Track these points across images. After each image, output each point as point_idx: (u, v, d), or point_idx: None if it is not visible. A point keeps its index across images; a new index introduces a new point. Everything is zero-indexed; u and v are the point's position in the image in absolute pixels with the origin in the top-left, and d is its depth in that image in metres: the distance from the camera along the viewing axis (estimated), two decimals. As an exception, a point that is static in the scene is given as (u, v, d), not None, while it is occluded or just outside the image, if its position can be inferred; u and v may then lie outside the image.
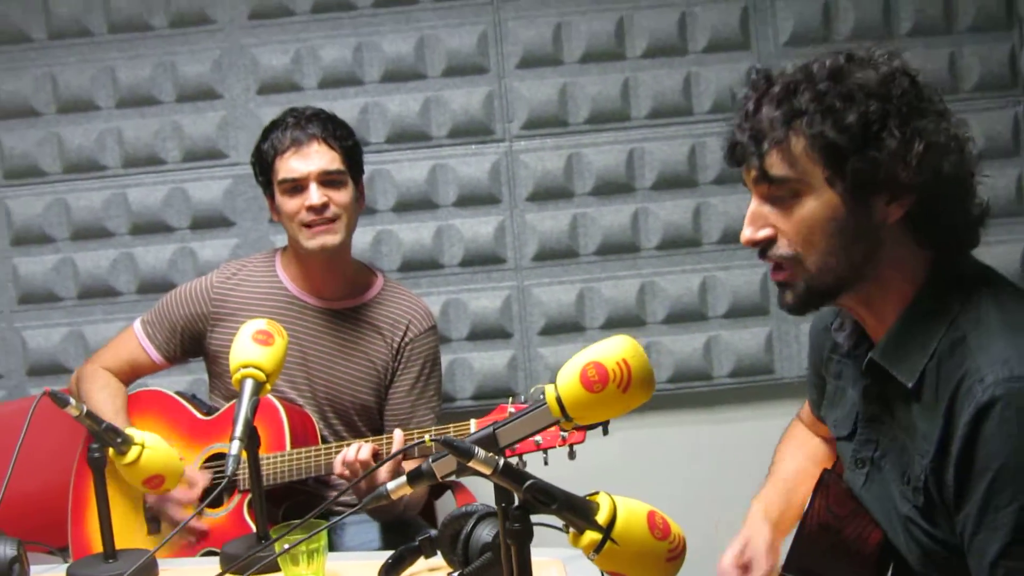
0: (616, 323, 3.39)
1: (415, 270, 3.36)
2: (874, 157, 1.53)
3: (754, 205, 1.63)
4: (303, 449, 2.59)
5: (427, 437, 1.46)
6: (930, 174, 1.55)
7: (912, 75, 1.60)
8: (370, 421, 2.87)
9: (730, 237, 3.37)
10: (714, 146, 3.34)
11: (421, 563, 2.08)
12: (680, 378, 3.40)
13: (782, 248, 1.61)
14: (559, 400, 1.57)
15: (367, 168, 3.29)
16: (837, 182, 1.55)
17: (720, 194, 3.36)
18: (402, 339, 2.82)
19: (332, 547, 2.70)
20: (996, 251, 3.32)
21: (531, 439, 2.26)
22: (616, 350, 1.58)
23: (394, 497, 1.65)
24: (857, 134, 1.54)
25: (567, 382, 1.57)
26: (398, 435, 2.53)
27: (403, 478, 1.64)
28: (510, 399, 2.45)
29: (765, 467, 2.18)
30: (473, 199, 3.36)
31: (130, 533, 2.66)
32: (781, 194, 1.59)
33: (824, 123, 1.54)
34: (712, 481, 3.37)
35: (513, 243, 3.38)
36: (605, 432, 2.28)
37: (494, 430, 1.62)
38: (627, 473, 2.92)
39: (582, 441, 2.28)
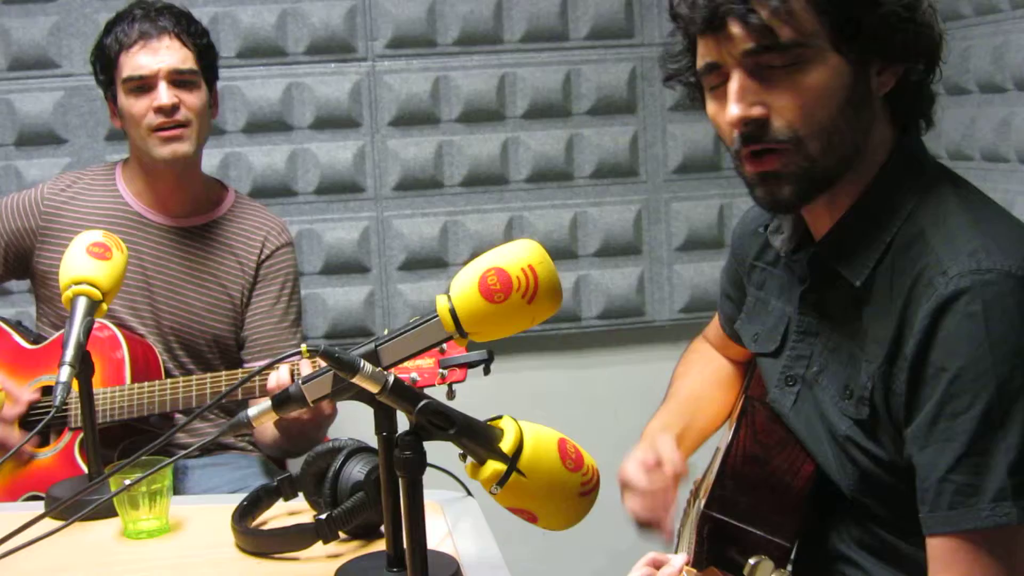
0: (481, 259, 3.18)
1: (266, 196, 3.07)
2: (885, 15, 1.35)
3: (739, 79, 1.38)
4: (145, 384, 2.32)
5: (303, 347, 1.23)
6: (926, 41, 1.39)
7: None
8: (225, 354, 2.59)
9: (604, 171, 3.20)
10: (590, 74, 3.16)
11: (280, 506, 1.86)
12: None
13: (779, 129, 1.38)
14: (452, 312, 1.36)
15: (216, 84, 3.03)
16: (843, 45, 1.35)
17: (595, 125, 3.19)
18: (258, 256, 2.57)
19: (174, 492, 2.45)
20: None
21: (407, 376, 2.04)
22: (522, 255, 1.37)
23: (256, 425, 1.42)
24: None
25: (464, 291, 1.36)
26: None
27: (267, 402, 1.41)
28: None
29: (636, 411, 1.98)
30: (331, 122, 3.11)
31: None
32: (779, 63, 1.36)
33: None
34: (583, 425, 3.21)
35: (373, 171, 3.13)
36: (487, 372, 2.07)
37: (376, 346, 1.39)
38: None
39: (463, 380, 2.06)
